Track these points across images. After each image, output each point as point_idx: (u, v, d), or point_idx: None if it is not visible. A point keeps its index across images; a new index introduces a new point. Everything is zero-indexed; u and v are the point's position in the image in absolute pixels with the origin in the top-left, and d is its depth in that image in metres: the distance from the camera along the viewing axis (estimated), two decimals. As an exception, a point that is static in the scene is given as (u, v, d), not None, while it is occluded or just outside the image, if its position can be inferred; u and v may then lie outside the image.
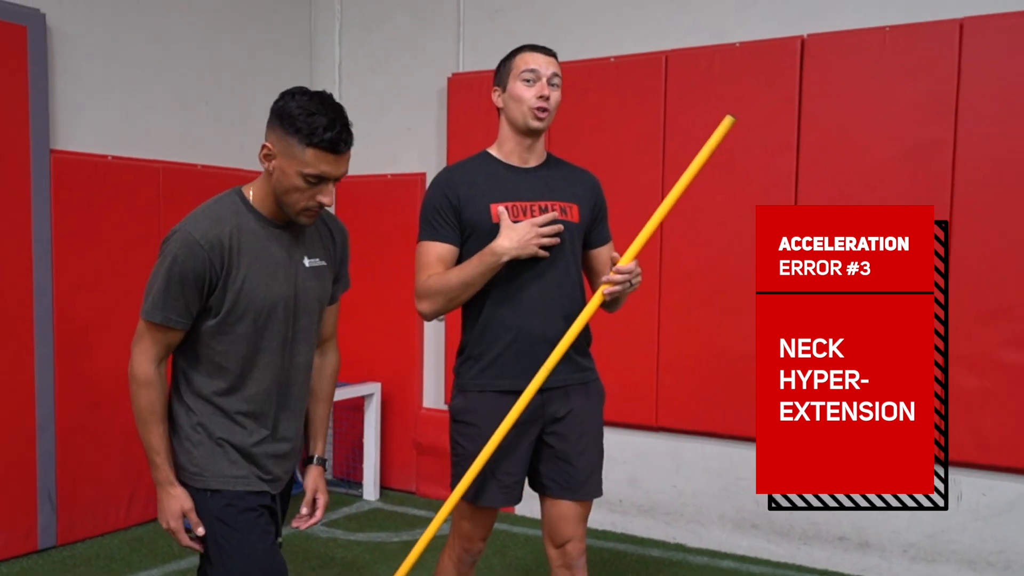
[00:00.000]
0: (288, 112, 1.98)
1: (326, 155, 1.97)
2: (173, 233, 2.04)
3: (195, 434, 2.09)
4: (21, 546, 4.06)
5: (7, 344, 3.99)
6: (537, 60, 2.52)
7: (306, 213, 2.05)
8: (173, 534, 2.09)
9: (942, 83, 3.92)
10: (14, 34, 3.98)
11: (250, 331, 2.08)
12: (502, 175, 2.51)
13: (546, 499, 2.54)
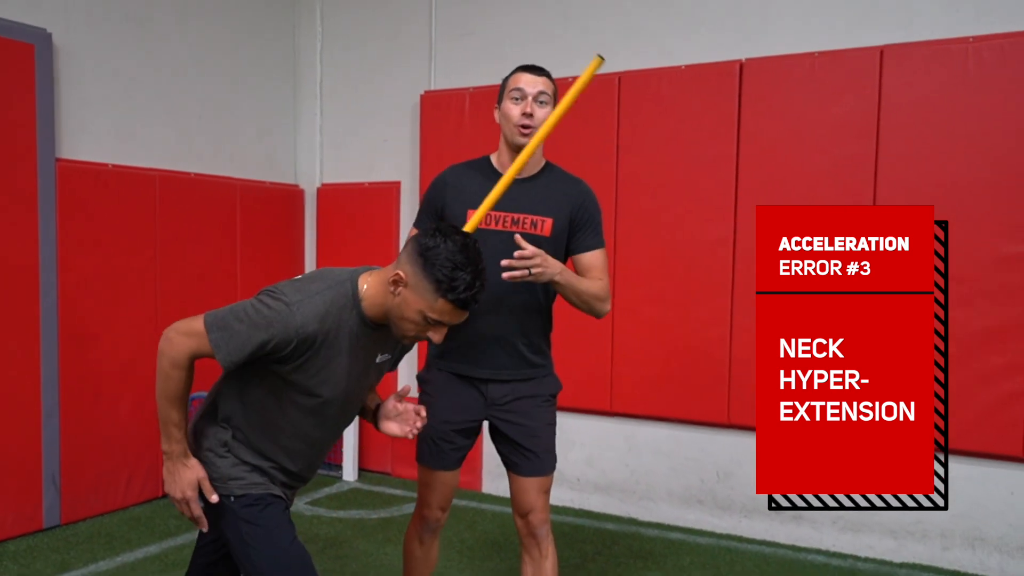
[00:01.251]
0: (436, 257, 1.90)
1: (455, 310, 1.94)
2: (282, 295, 1.94)
3: (221, 449, 2.09)
4: (27, 525, 4.08)
5: (16, 338, 4.00)
6: (525, 79, 2.54)
7: (410, 339, 2.04)
8: (186, 503, 2.05)
9: (864, 104, 4.04)
10: (23, 52, 3.99)
11: (308, 407, 2.06)
12: (490, 183, 2.47)
13: (510, 475, 2.68)
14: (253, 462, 2.10)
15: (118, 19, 4.57)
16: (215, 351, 1.93)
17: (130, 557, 3.86)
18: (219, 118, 5.21)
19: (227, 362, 1.94)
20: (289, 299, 1.94)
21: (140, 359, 4.57)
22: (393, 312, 1.99)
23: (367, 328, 2.04)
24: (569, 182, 2.66)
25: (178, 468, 2.04)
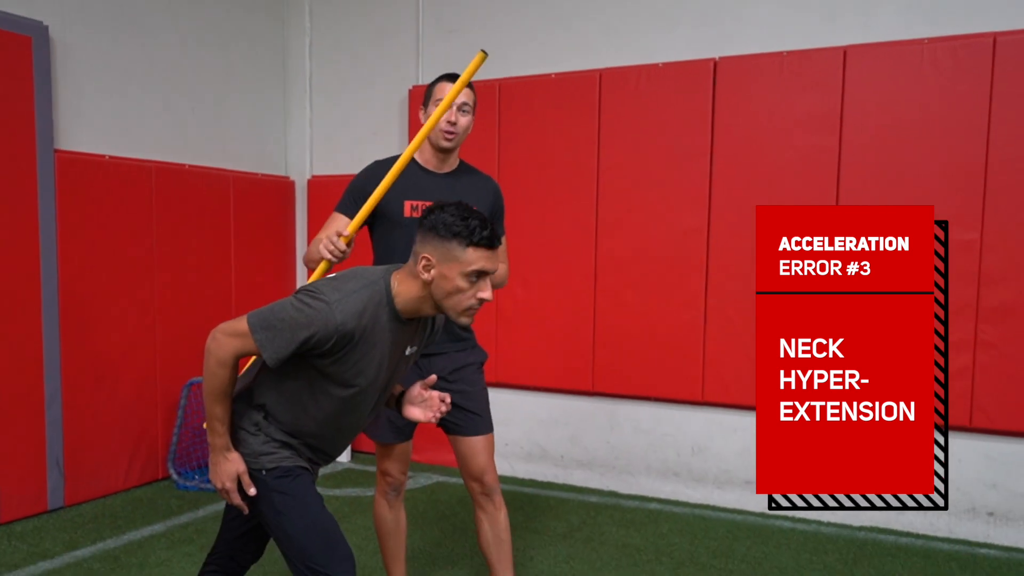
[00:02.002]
0: (444, 222, 1.98)
1: (485, 251, 1.99)
2: (322, 295, 1.98)
3: (253, 428, 2.14)
4: (32, 507, 4.07)
5: (18, 326, 3.98)
6: (448, 90, 2.61)
7: (467, 313, 2.05)
8: (227, 493, 2.11)
9: (829, 100, 4.16)
10: (20, 44, 3.95)
11: (342, 397, 2.10)
12: (418, 176, 2.69)
13: (456, 439, 2.76)
14: (282, 439, 2.15)
15: (113, 13, 4.53)
16: (261, 350, 1.98)
17: (136, 535, 3.87)
18: (212, 111, 5.18)
19: (273, 360, 1.98)
20: (329, 298, 1.97)
21: (138, 345, 4.56)
22: (438, 293, 2.02)
23: (399, 323, 2.09)
24: (485, 178, 2.85)
25: (220, 460, 2.10)
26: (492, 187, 2.85)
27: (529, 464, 4.99)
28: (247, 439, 2.13)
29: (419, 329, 2.21)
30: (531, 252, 4.84)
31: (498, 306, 4.92)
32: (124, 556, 3.61)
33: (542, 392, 4.93)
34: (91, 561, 3.55)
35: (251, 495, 2.10)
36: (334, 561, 2.07)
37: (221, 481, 2.10)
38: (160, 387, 4.69)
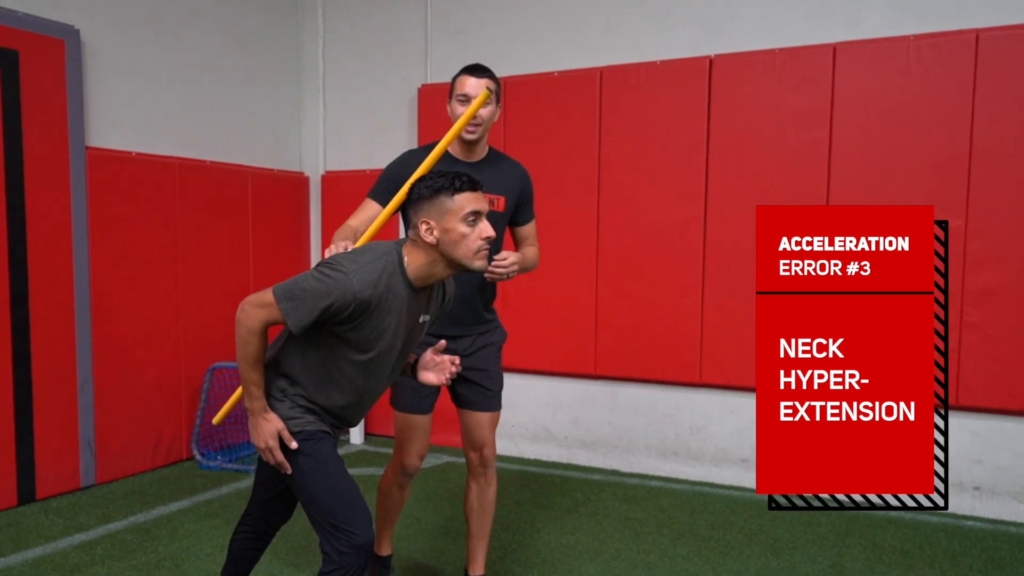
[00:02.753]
0: (426, 186, 2.16)
1: (471, 194, 2.15)
2: (340, 266, 2.10)
3: (279, 395, 2.26)
4: (66, 484, 4.22)
5: (52, 314, 4.13)
6: (470, 84, 2.72)
7: (479, 255, 2.17)
8: (269, 452, 2.21)
9: (820, 95, 4.29)
10: (54, 47, 4.10)
11: (360, 362, 2.21)
12: (448, 166, 2.72)
13: (465, 412, 2.89)
14: (307, 405, 2.28)
15: (140, 17, 4.68)
16: (286, 318, 2.10)
17: (164, 511, 4.03)
18: (231, 110, 5.33)
19: (297, 327, 2.10)
20: (346, 269, 2.09)
21: (163, 331, 4.72)
22: (447, 247, 2.15)
23: (412, 291, 2.20)
24: (514, 165, 2.90)
25: (259, 422, 2.22)
26: (520, 173, 2.90)
27: (535, 445, 5.13)
28: (274, 404, 2.25)
29: (432, 298, 2.34)
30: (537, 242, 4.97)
31: (504, 295, 5.06)
32: (154, 529, 3.77)
33: (547, 376, 5.07)
34: (123, 533, 3.71)
35: (293, 448, 2.21)
36: (353, 518, 2.19)
37: (264, 440, 2.21)
38: (184, 372, 4.85)
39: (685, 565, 3.45)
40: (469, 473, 2.96)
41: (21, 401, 4.00)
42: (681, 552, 3.59)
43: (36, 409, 4.07)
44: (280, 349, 2.30)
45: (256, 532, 2.59)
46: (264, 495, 2.55)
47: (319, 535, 2.22)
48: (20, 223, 3.98)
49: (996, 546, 3.71)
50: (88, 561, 3.38)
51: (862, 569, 3.42)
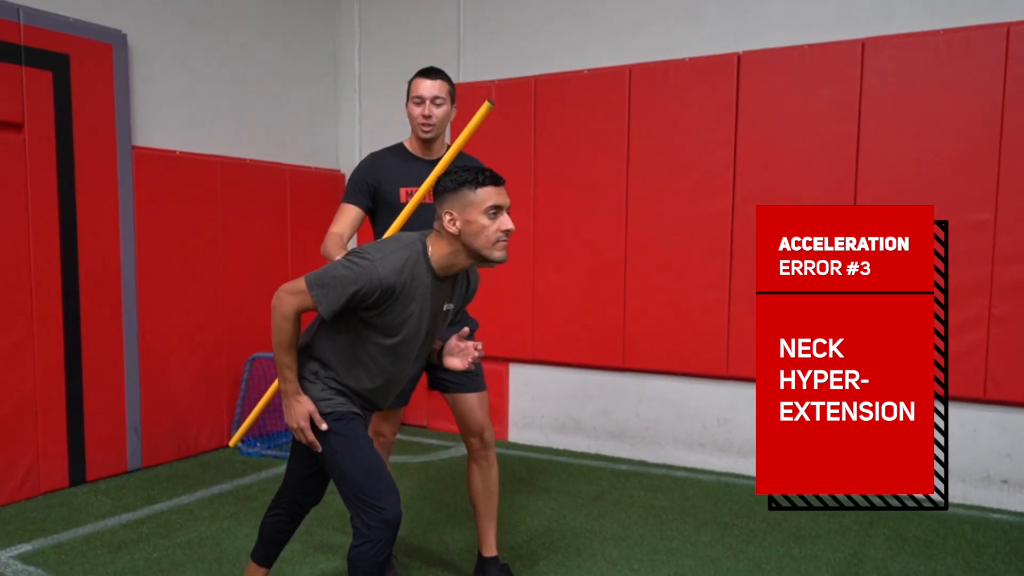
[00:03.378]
0: (453, 179, 2.24)
1: (493, 188, 2.23)
2: (367, 254, 2.20)
3: (312, 377, 2.35)
4: (114, 468, 4.39)
5: (101, 306, 4.29)
6: (423, 87, 2.85)
7: (499, 246, 2.25)
8: (301, 432, 2.31)
9: (848, 90, 4.27)
10: (102, 51, 4.27)
11: (386, 346, 2.30)
12: (410, 164, 2.88)
13: (454, 397, 2.94)
14: (337, 388, 2.37)
15: (184, 21, 4.83)
16: (317, 304, 2.20)
17: (206, 493, 4.17)
18: (271, 110, 5.47)
19: (327, 312, 2.20)
20: (372, 257, 2.19)
21: (206, 324, 4.87)
22: (468, 238, 2.23)
23: (435, 279, 2.29)
24: (468, 159, 2.98)
25: (292, 403, 2.32)
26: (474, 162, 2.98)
27: (563, 435, 5.19)
28: (307, 387, 2.36)
29: (456, 287, 2.44)
30: (565, 238, 5.04)
31: (534, 288, 5.14)
32: (197, 510, 3.92)
33: (576, 368, 5.12)
34: (168, 514, 3.86)
35: (323, 430, 2.31)
36: (382, 493, 2.28)
37: (296, 421, 2.31)
38: (225, 362, 5.00)
39: (707, 551, 3.49)
40: (470, 457, 3.03)
41: (72, 389, 4.17)
42: (704, 539, 3.63)
43: (86, 396, 4.24)
44: (313, 334, 2.40)
45: (288, 514, 2.70)
46: (296, 478, 2.65)
47: (350, 510, 2.31)
48: (71, 219, 4.15)
49: (1021, 538, 3.69)
50: (135, 538, 3.53)
51: (884, 559, 3.42)
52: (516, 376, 5.34)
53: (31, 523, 3.69)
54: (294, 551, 3.38)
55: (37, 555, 3.33)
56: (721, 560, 3.39)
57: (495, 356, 5.31)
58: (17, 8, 3.88)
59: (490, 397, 5.26)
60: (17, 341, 3.92)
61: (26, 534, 3.56)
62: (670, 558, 3.41)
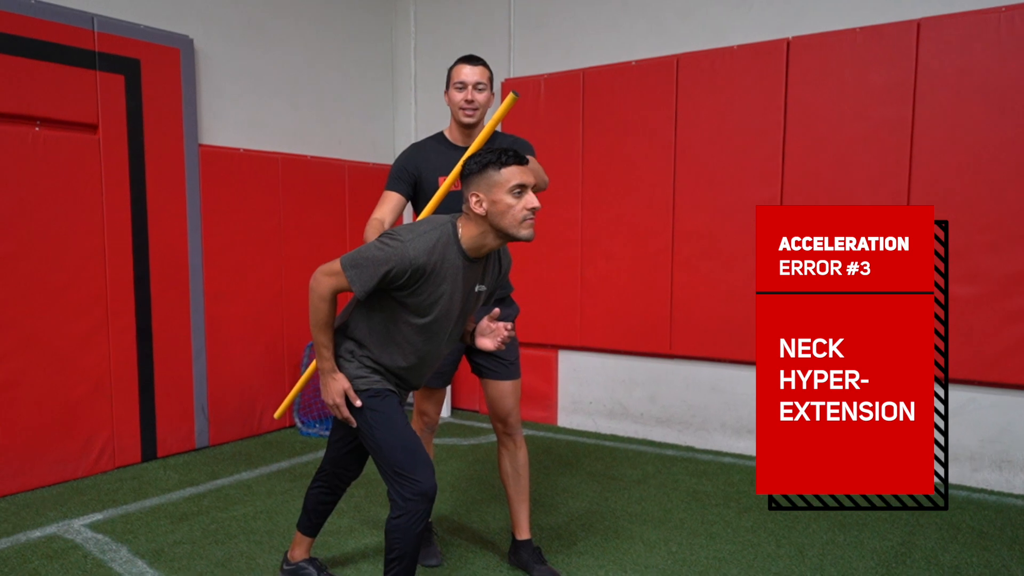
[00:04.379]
0: (475, 161, 2.27)
1: (517, 168, 2.25)
2: (398, 236, 2.24)
3: (348, 355, 2.42)
4: (183, 445, 4.61)
5: (170, 293, 4.50)
6: (464, 72, 2.84)
7: (526, 224, 2.26)
8: (337, 408, 2.38)
9: (902, 73, 4.14)
10: (170, 55, 4.47)
11: (419, 326, 2.34)
12: (449, 154, 2.88)
13: (487, 382, 2.97)
14: (372, 365, 2.44)
15: (247, 27, 5.01)
16: (351, 285, 2.26)
17: (266, 470, 4.33)
18: (330, 109, 5.62)
19: (360, 292, 2.26)
20: (403, 238, 2.24)
21: (268, 312, 5.05)
22: (495, 218, 2.26)
23: (466, 260, 2.33)
24: (503, 138, 2.94)
25: (328, 381, 2.39)
26: (509, 142, 2.93)
27: (611, 421, 5.18)
28: (344, 365, 2.43)
29: (488, 269, 2.47)
30: (613, 227, 5.03)
31: (582, 277, 5.14)
32: (255, 485, 4.07)
33: (623, 355, 5.11)
34: (228, 488, 4.03)
35: (357, 406, 2.38)
36: (416, 466, 2.34)
37: (332, 398, 2.39)
38: (287, 347, 5.17)
39: (748, 536, 3.44)
40: (498, 441, 3.06)
41: (144, 372, 4.39)
42: (745, 524, 3.58)
43: (157, 378, 4.45)
44: (349, 315, 2.47)
45: (329, 487, 2.80)
46: (336, 453, 2.75)
47: (387, 483, 2.37)
48: (142, 213, 4.36)
49: (1081, 530, 3.52)
50: (195, 511, 3.70)
51: (934, 549, 3.29)
52: (565, 362, 5.35)
53: (104, 494, 3.91)
54: (341, 525, 3.49)
55: (106, 524, 3.53)
56: (762, 545, 3.34)
57: (544, 343, 5.34)
58: (92, 17, 4.10)
59: (539, 383, 5.33)
60: (93, 326, 4.16)
61: (99, 504, 3.77)
62: (710, 542, 3.38)
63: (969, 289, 4.02)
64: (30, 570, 3.04)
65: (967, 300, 4.02)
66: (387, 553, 2.36)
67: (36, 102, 3.89)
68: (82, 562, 3.12)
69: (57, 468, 4.04)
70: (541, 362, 5.38)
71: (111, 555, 3.19)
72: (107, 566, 3.08)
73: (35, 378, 3.93)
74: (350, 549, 3.26)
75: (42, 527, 3.49)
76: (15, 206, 3.85)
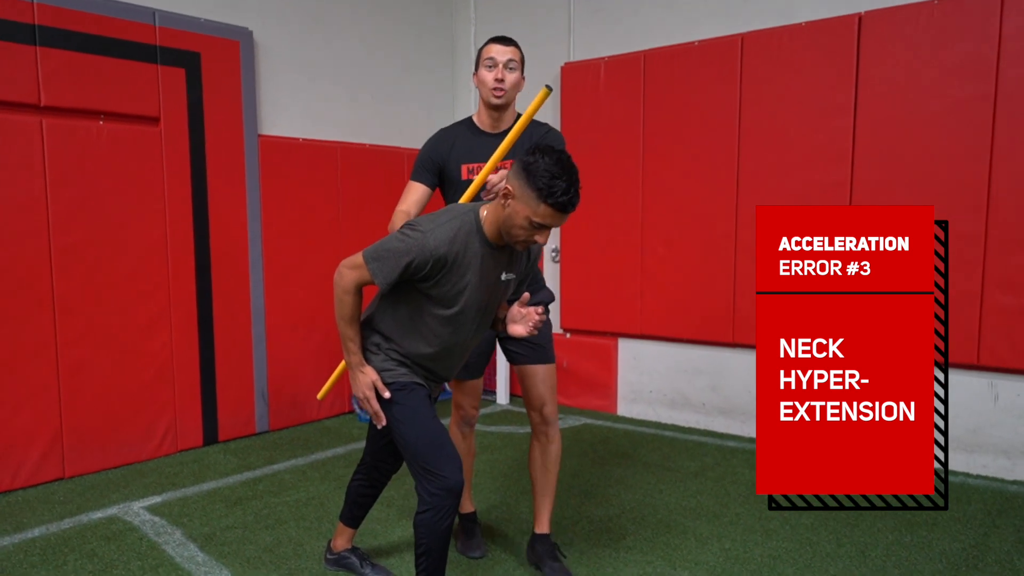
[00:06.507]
0: (536, 169, 2.04)
1: (556, 213, 2.06)
2: (419, 226, 2.15)
3: (375, 348, 2.33)
4: (243, 430, 4.63)
5: (231, 281, 4.50)
6: (496, 50, 2.67)
7: (521, 244, 2.16)
8: (366, 401, 2.29)
9: (983, 47, 3.83)
10: (230, 48, 4.46)
11: (445, 317, 2.24)
12: (474, 140, 2.70)
13: (520, 369, 2.81)
14: (399, 358, 2.34)
15: (305, 18, 4.97)
16: (373, 277, 2.18)
17: (321, 456, 4.31)
18: (389, 97, 5.54)
19: (383, 284, 2.17)
20: (424, 228, 2.14)
21: (327, 299, 4.97)
22: (505, 222, 2.14)
23: (490, 249, 2.21)
24: (540, 129, 2.73)
25: (357, 375, 2.32)
26: (541, 133, 2.72)
27: (672, 411, 4.98)
28: (371, 358, 2.34)
29: (514, 257, 2.33)
30: (674, 212, 4.82)
31: (643, 263, 4.94)
32: (310, 471, 4.05)
33: (684, 343, 4.90)
34: (283, 474, 4.01)
35: (386, 398, 2.29)
36: (443, 462, 2.23)
37: (361, 391, 2.31)
38: (346, 335, 5.13)
39: (807, 534, 3.21)
40: (532, 433, 2.89)
41: (205, 357, 4.42)
42: (805, 522, 3.34)
43: (218, 364, 4.47)
44: (375, 308, 2.38)
45: (369, 479, 2.73)
46: (374, 446, 2.68)
47: (414, 478, 2.27)
48: (203, 203, 4.37)
49: None
50: (250, 495, 3.69)
51: (1010, 552, 3.02)
52: (625, 351, 5.16)
53: (164, 478, 3.94)
54: (390, 514, 3.42)
55: (164, 506, 3.55)
56: (820, 544, 3.11)
57: (604, 331, 5.17)
58: (153, 12, 4.12)
59: (599, 371, 5.16)
60: (157, 313, 4.19)
61: (158, 487, 3.80)
62: (766, 539, 3.17)
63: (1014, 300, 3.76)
64: (88, 551, 3.07)
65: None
66: (416, 548, 2.27)
67: (100, 97, 3.92)
68: (137, 544, 3.13)
69: (122, 451, 4.10)
70: (601, 350, 5.21)
71: (165, 538, 3.19)
72: (160, 548, 3.09)
73: (101, 364, 3.99)
74: (396, 538, 3.18)
75: (104, 508, 3.53)
76: (81, 198, 3.89)
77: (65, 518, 3.41)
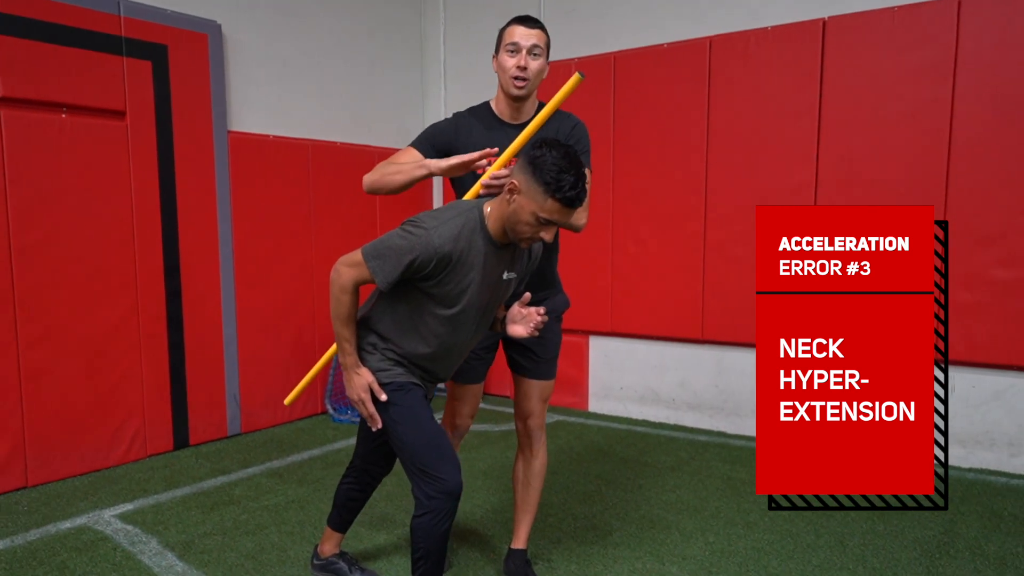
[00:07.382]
0: (544, 163, 1.94)
1: (563, 208, 1.97)
2: (422, 223, 2.04)
3: (371, 348, 2.20)
4: (215, 433, 4.41)
5: (200, 281, 4.29)
6: (520, 33, 2.35)
7: (525, 241, 2.05)
8: (361, 404, 2.17)
9: (941, 52, 3.86)
10: (198, 41, 4.24)
11: (445, 317, 2.13)
12: (492, 132, 2.42)
13: (517, 378, 2.63)
14: (396, 359, 2.21)
15: (275, 11, 4.77)
16: (374, 276, 2.05)
17: (297, 458, 4.13)
18: (359, 95, 5.37)
19: (384, 283, 2.05)
20: (427, 225, 2.03)
21: (298, 299, 4.84)
22: (510, 218, 2.03)
23: (494, 247, 2.10)
24: (561, 118, 2.46)
25: (352, 376, 2.18)
26: (568, 125, 2.46)
27: (643, 406, 4.93)
28: (366, 358, 2.21)
29: (517, 256, 2.22)
30: (644, 212, 4.77)
31: (613, 262, 4.89)
32: (287, 473, 3.87)
33: (654, 340, 4.85)
34: (259, 477, 3.83)
35: (382, 400, 2.17)
36: (441, 464, 2.12)
37: (356, 393, 2.18)
38: (317, 335, 4.96)
39: (785, 525, 3.19)
40: (518, 444, 2.73)
41: (175, 359, 4.20)
42: (783, 514, 3.32)
43: (188, 366, 4.25)
44: (372, 307, 2.26)
45: (359, 483, 2.60)
46: (365, 448, 2.55)
47: (411, 481, 2.16)
48: (171, 200, 4.15)
49: None
50: (226, 500, 3.50)
51: (977, 538, 3.05)
52: (596, 348, 5.10)
53: (135, 484, 3.72)
54: (374, 516, 3.28)
55: (136, 514, 3.34)
56: (801, 535, 3.09)
57: (575, 328, 5.10)
58: (118, 2, 3.88)
59: (570, 369, 5.09)
60: (124, 314, 3.96)
61: (129, 494, 3.58)
62: (747, 531, 3.14)
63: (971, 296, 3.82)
64: (58, 563, 2.86)
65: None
66: (413, 552, 2.16)
67: (62, 88, 3.68)
68: (111, 555, 2.93)
69: (89, 457, 3.86)
70: (572, 348, 5.14)
71: (141, 547, 3.00)
72: (136, 558, 2.89)
73: (65, 367, 3.75)
74: (382, 541, 3.05)
75: (72, 518, 3.30)
76: (43, 194, 3.64)
77: (31, 529, 3.18)
